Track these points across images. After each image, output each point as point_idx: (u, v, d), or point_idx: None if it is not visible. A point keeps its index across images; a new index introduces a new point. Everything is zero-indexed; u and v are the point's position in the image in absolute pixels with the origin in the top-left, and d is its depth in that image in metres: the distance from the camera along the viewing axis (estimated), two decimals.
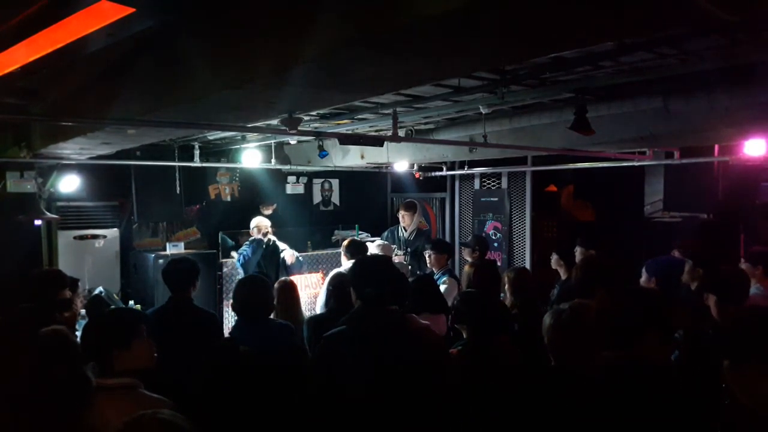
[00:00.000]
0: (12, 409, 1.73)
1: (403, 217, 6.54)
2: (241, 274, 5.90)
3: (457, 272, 7.82)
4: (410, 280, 3.67)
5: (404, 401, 2.37)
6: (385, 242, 5.50)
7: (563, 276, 4.92)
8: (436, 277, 4.77)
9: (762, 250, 4.20)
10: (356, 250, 4.96)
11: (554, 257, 5.04)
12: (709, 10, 1.63)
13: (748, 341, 1.84)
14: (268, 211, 7.54)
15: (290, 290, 4.06)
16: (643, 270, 4.24)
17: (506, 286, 4.17)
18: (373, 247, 5.24)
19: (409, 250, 6.31)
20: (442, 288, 4.50)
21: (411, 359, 2.44)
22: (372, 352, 2.39)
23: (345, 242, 5.18)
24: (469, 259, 5.39)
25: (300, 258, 6.05)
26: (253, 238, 5.93)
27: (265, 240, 5.92)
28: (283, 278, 4.31)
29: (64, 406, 1.76)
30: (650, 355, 1.83)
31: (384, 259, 2.91)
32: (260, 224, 6.01)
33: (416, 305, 2.97)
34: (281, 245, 6.09)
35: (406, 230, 6.52)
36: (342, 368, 2.39)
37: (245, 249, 5.88)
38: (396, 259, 5.30)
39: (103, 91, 3.57)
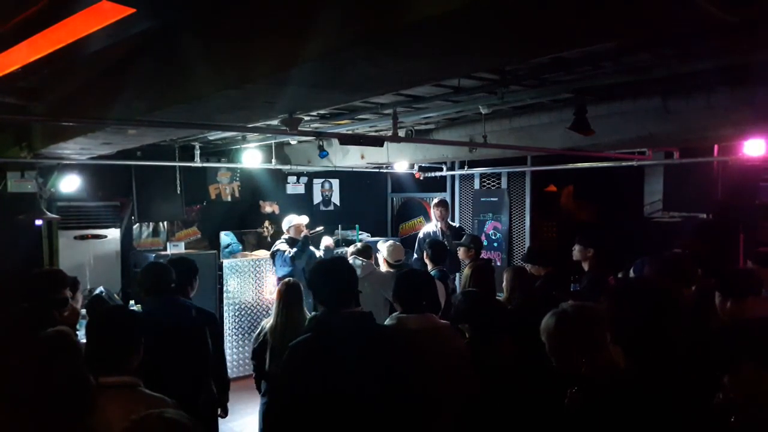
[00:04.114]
0: (13, 410, 1.73)
1: (440, 213, 6.50)
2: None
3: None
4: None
5: (373, 405, 2.35)
6: (397, 243, 5.49)
7: (586, 269, 4.85)
8: None
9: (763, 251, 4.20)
10: (361, 252, 5.00)
11: (577, 247, 4.92)
12: (709, 10, 1.63)
13: (749, 342, 1.83)
14: (270, 209, 7.59)
15: (293, 290, 4.07)
16: None
17: (504, 285, 4.17)
18: (384, 247, 5.23)
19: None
20: None
21: (379, 362, 2.42)
22: (339, 355, 2.36)
23: (351, 248, 5.22)
24: (465, 258, 5.38)
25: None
26: (296, 241, 6.05)
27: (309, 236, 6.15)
28: (288, 278, 4.32)
29: (65, 407, 1.76)
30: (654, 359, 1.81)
31: (338, 260, 2.87)
32: (300, 224, 6.14)
33: (405, 304, 2.92)
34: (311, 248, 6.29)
35: (439, 225, 6.53)
36: (311, 375, 2.36)
37: (283, 248, 6.03)
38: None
39: (103, 91, 3.57)
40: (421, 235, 6.65)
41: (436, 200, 6.66)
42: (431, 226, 6.59)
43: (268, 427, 2.44)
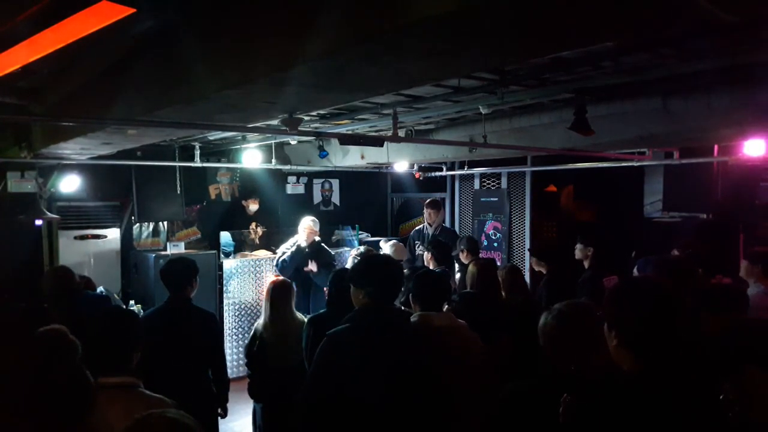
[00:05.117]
0: (12, 412, 1.72)
1: (429, 215, 6.51)
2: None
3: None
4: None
5: (412, 400, 2.37)
6: (399, 242, 5.50)
7: (587, 266, 4.88)
8: None
9: (763, 250, 4.20)
10: None
11: (578, 246, 4.95)
12: (709, 10, 1.63)
13: (752, 344, 1.83)
14: (255, 206, 7.50)
15: (281, 289, 4.07)
16: None
17: (501, 284, 4.18)
18: (387, 246, 5.24)
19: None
20: None
21: (418, 358, 2.45)
22: (379, 349, 2.39)
23: (354, 251, 5.19)
24: (464, 260, 5.39)
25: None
26: (296, 243, 5.76)
27: (306, 246, 5.72)
28: (276, 278, 4.32)
29: (65, 408, 1.76)
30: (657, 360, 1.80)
31: (389, 258, 2.93)
32: (308, 228, 5.76)
33: (426, 302, 2.95)
34: (327, 249, 5.93)
35: (430, 227, 6.53)
36: (347, 366, 2.38)
37: (286, 254, 5.76)
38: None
39: (103, 91, 3.57)
40: (412, 232, 6.72)
41: (427, 201, 6.67)
42: (423, 225, 6.66)
43: (302, 413, 2.47)
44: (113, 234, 6.74)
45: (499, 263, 7.41)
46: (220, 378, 3.75)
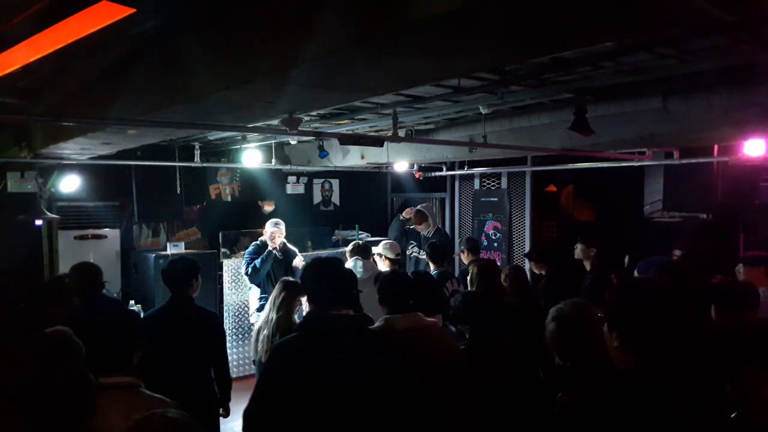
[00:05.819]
0: (14, 410, 1.73)
1: (419, 229, 6.54)
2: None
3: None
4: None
5: (361, 407, 2.30)
6: (393, 241, 5.49)
7: (588, 268, 4.88)
8: None
9: (761, 253, 4.19)
10: (361, 252, 4.98)
11: (579, 246, 4.96)
12: (709, 10, 1.63)
13: (751, 344, 1.83)
14: (270, 208, 7.56)
15: (280, 288, 4.08)
16: None
17: (505, 284, 4.18)
18: (380, 246, 5.25)
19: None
20: None
21: (370, 363, 2.37)
22: (326, 357, 2.31)
23: (349, 246, 5.18)
24: (465, 261, 5.39)
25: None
26: (266, 247, 5.70)
27: (277, 249, 5.71)
28: (285, 278, 4.32)
29: (66, 408, 1.76)
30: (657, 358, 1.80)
31: (335, 261, 2.84)
32: (274, 232, 5.73)
33: (391, 304, 2.84)
34: (292, 248, 5.90)
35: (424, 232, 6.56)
36: (294, 375, 2.31)
37: (250, 256, 5.71)
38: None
39: (103, 92, 3.57)
40: (411, 226, 6.70)
41: (416, 211, 6.62)
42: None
43: (247, 425, 2.40)
44: (113, 234, 6.74)
45: (499, 263, 7.43)
46: (222, 377, 3.74)
